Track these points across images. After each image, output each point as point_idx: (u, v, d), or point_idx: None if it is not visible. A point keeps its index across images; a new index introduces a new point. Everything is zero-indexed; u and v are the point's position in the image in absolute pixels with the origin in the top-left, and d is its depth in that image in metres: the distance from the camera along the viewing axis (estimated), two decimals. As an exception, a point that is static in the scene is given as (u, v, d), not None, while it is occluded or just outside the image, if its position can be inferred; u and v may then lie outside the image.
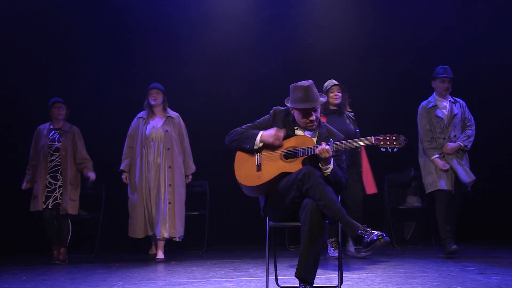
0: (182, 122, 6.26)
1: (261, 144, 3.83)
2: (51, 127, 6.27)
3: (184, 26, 7.57)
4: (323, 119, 5.50)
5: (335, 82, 5.90)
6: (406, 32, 7.47)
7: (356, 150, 5.77)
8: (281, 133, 3.82)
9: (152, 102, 6.17)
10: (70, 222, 6.13)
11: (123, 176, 6.13)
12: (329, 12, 7.71)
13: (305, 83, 3.84)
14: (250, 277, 4.70)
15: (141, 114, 6.28)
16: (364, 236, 3.33)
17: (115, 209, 7.06)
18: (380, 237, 3.30)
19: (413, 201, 7.02)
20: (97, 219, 6.95)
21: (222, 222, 7.51)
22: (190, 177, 6.29)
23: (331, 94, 5.84)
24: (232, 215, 7.55)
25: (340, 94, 5.86)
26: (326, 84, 5.91)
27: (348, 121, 5.88)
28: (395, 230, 6.95)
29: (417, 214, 7.18)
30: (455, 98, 5.86)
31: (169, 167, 6.04)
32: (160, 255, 6.02)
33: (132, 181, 6.11)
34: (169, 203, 5.98)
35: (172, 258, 6.18)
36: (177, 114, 6.27)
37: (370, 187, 5.96)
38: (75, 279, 4.89)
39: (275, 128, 3.84)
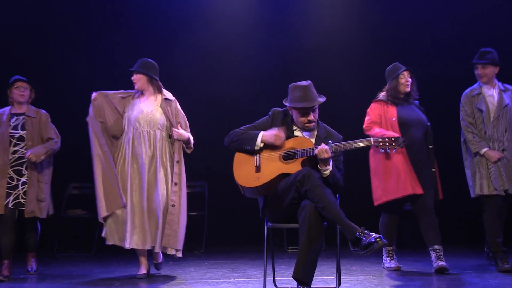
0: (180, 110, 5.03)
1: (262, 145, 3.84)
2: (12, 112, 5.16)
3: (181, 26, 7.53)
4: (393, 109, 4.92)
5: (403, 66, 5.04)
6: (407, 31, 7.45)
7: (427, 148, 4.95)
8: (282, 133, 3.82)
9: (135, 87, 4.99)
10: (39, 225, 5.21)
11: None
12: (328, 11, 7.67)
13: (304, 83, 3.87)
14: (248, 278, 4.70)
15: (130, 91, 5.13)
16: (362, 238, 3.34)
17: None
18: (378, 239, 3.31)
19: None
20: (95, 219, 6.92)
21: (221, 223, 7.50)
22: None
23: (402, 81, 4.97)
24: (231, 216, 7.53)
25: (410, 80, 4.99)
26: (390, 68, 5.14)
27: (418, 111, 5.04)
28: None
29: (415, 217, 7.16)
30: (505, 85, 5.08)
31: (177, 162, 4.84)
32: (143, 269, 4.81)
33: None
34: (173, 205, 4.75)
35: (169, 258, 6.18)
36: (173, 97, 5.04)
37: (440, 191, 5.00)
38: (73, 278, 4.89)
39: (276, 128, 3.84)
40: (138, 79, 4.92)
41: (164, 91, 5.01)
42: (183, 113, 5.03)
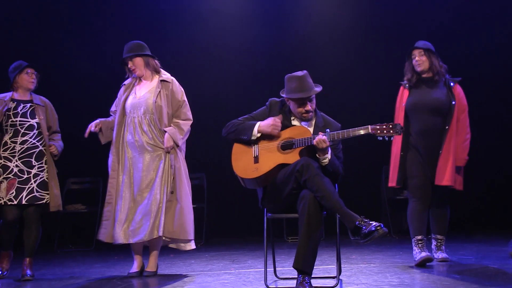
0: (178, 88, 4.64)
1: (259, 135, 3.84)
2: (17, 98, 4.78)
3: (174, 19, 7.48)
4: (407, 92, 4.66)
5: (416, 45, 4.72)
6: (407, 21, 7.41)
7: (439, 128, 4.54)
8: (278, 122, 3.82)
9: (134, 75, 4.65)
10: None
11: (93, 124, 4.59)
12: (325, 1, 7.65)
13: (299, 73, 3.86)
14: (248, 269, 4.71)
15: (127, 81, 4.74)
16: (362, 227, 3.34)
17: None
18: (378, 227, 3.31)
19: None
20: (95, 213, 6.93)
21: (220, 215, 7.52)
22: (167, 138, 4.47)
23: (413, 61, 4.68)
24: (230, 208, 7.55)
25: (423, 58, 4.63)
26: None
27: (442, 91, 4.62)
28: (392, 220, 6.97)
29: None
30: None
31: (167, 152, 4.47)
32: (135, 267, 4.52)
33: (112, 166, 4.57)
34: (172, 192, 4.42)
35: (170, 251, 6.19)
36: (171, 77, 4.64)
37: (442, 177, 4.48)
38: (74, 273, 4.89)
39: (272, 118, 3.84)
40: (138, 65, 4.57)
41: (162, 71, 4.65)
42: (181, 90, 4.65)
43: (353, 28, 7.53)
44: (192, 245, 4.60)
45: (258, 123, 3.85)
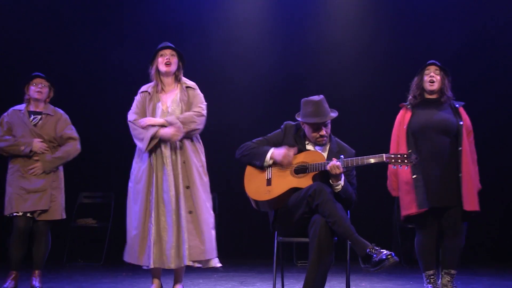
0: (200, 94, 4.28)
1: (271, 162, 3.84)
2: (30, 109, 4.71)
3: (193, 44, 7.50)
4: (409, 113, 4.20)
5: (432, 61, 4.30)
6: (423, 46, 7.41)
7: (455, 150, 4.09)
8: (291, 152, 3.81)
9: (163, 69, 4.17)
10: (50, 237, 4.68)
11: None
12: (341, 22, 7.67)
13: (316, 97, 3.87)
14: (256, 291, 4.68)
15: (144, 87, 4.27)
16: (373, 255, 3.32)
17: (124, 218, 7.00)
18: (389, 256, 3.29)
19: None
20: (105, 228, 6.94)
21: (230, 235, 7.48)
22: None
23: (426, 77, 4.20)
24: (241, 229, 7.51)
25: (437, 76, 4.18)
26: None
27: (448, 111, 4.18)
28: (403, 249, 6.89)
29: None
30: None
31: (183, 162, 4.11)
32: None
33: (135, 184, 4.20)
34: (190, 212, 4.06)
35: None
36: (194, 83, 4.32)
37: (471, 202, 4.02)
38: (81, 287, 4.88)
39: (286, 147, 3.83)
40: (174, 63, 4.21)
41: (184, 79, 4.30)
42: (202, 95, 4.28)
43: (368, 54, 7.53)
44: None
45: (271, 150, 3.85)
